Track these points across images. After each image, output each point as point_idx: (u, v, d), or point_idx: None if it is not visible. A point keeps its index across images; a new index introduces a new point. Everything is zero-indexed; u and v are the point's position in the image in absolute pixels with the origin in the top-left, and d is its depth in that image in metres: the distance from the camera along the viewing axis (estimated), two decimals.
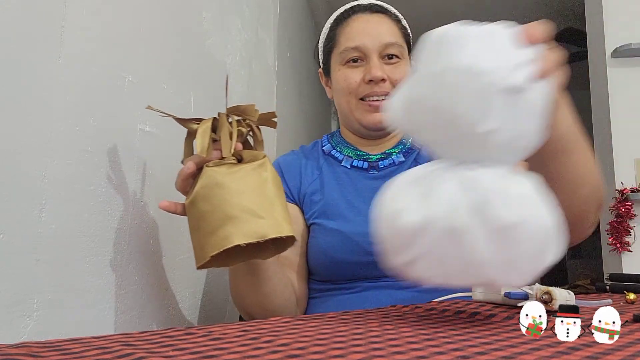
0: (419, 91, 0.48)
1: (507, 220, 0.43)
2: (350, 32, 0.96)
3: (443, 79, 0.45)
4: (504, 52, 0.45)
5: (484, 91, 0.44)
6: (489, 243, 0.44)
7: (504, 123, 0.45)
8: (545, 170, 0.72)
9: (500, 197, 0.44)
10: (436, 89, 0.46)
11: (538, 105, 0.47)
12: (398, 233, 0.47)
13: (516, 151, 0.48)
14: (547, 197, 0.47)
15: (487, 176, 0.46)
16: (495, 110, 0.44)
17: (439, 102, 0.46)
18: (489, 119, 0.45)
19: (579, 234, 0.75)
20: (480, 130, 0.45)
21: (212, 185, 0.64)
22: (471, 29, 0.47)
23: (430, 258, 0.46)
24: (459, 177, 0.47)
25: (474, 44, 0.45)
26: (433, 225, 0.45)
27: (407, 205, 0.47)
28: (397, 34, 0.96)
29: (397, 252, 0.48)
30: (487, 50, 0.45)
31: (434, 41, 0.48)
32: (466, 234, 0.44)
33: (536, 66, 0.46)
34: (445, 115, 0.46)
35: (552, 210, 0.46)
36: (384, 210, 0.50)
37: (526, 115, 0.46)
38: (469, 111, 0.45)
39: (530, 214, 0.44)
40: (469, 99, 0.44)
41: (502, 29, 0.47)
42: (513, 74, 0.45)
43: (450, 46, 0.46)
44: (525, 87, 0.45)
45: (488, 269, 0.45)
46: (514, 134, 0.46)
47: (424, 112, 0.48)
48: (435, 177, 0.48)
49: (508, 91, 0.44)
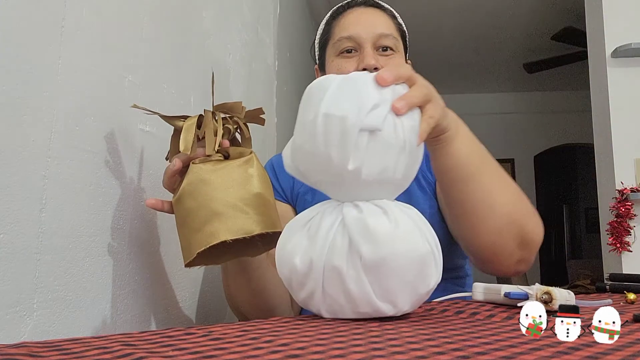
0: (299, 139, 0.54)
1: (372, 257, 0.49)
2: (344, 22, 0.96)
3: (314, 126, 0.51)
4: (362, 96, 0.51)
5: (346, 133, 0.50)
6: (364, 277, 0.50)
7: (368, 160, 0.51)
8: (448, 197, 0.74)
9: (364, 237, 0.50)
10: (310, 135, 0.52)
11: (400, 140, 0.52)
12: (293, 272, 0.53)
13: (389, 186, 0.54)
14: (420, 228, 0.52)
15: (354, 217, 0.52)
16: (359, 149, 0.50)
17: (314, 147, 0.51)
18: (355, 157, 0.50)
19: (500, 267, 0.76)
20: (350, 167, 0.50)
21: (198, 182, 0.64)
22: (335, 79, 0.53)
23: (323, 294, 0.52)
24: (337, 219, 0.53)
25: (336, 92, 0.51)
26: (318, 265, 0.51)
27: (297, 248, 0.53)
28: (392, 27, 0.96)
29: (297, 289, 0.54)
30: (347, 97, 0.51)
31: (307, 93, 0.55)
32: (343, 271, 0.50)
33: (396, 104, 0.52)
34: (320, 158, 0.51)
35: (425, 239, 0.52)
36: (281, 252, 0.56)
37: (388, 151, 0.51)
38: (337, 152, 0.50)
39: (395, 248, 0.50)
40: (335, 141, 0.50)
41: (361, 76, 0.53)
42: (369, 115, 0.50)
43: (317, 96, 0.52)
44: (381, 126, 0.50)
45: (373, 300, 0.50)
46: (380, 168, 0.51)
47: (306, 157, 0.54)
48: (320, 219, 0.54)
49: (366, 131, 0.50)
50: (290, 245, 0.54)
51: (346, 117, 0.50)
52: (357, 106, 0.50)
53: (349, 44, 0.93)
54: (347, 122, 0.50)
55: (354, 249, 0.50)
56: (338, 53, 0.95)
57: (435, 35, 4.04)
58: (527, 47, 4.24)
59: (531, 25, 3.87)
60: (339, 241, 0.51)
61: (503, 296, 0.61)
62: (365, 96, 0.51)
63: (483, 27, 3.90)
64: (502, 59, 4.56)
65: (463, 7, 3.57)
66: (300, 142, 0.54)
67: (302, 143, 0.53)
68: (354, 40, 0.93)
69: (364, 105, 0.50)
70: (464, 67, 4.80)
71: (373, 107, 0.51)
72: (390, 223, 0.51)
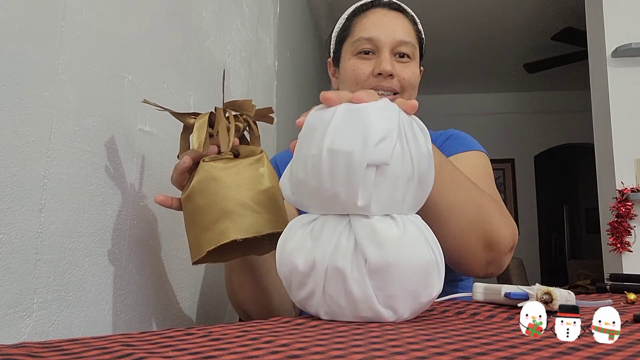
0: (302, 174, 0.52)
1: (377, 262, 0.49)
2: (366, 23, 0.96)
3: (318, 162, 0.50)
4: (368, 130, 0.49)
5: (352, 169, 0.48)
6: (368, 281, 0.49)
7: (377, 194, 0.50)
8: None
9: (371, 241, 0.49)
10: (314, 171, 0.51)
11: (409, 171, 0.51)
12: (294, 272, 0.53)
13: (397, 205, 0.53)
14: (426, 237, 0.52)
15: (362, 221, 0.51)
16: (367, 184, 0.49)
17: (319, 183, 0.51)
18: (364, 193, 0.49)
19: (469, 269, 0.77)
20: (359, 204, 0.50)
21: (209, 180, 0.64)
22: (337, 110, 0.51)
23: (323, 294, 0.52)
24: (344, 221, 0.52)
25: (340, 124, 0.50)
26: (320, 266, 0.50)
27: (299, 247, 0.52)
28: (412, 34, 0.96)
29: (296, 289, 0.54)
30: (351, 130, 0.49)
31: (307, 124, 0.53)
32: (347, 273, 0.49)
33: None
34: (326, 194, 0.51)
35: (430, 248, 0.52)
36: (281, 251, 0.55)
37: (397, 182, 0.51)
38: (344, 189, 0.49)
39: (401, 255, 0.49)
40: (341, 178, 0.49)
41: (366, 107, 0.51)
42: (376, 149, 0.49)
43: (320, 129, 0.51)
44: (389, 161, 0.49)
45: (374, 305, 0.50)
46: (390, 201, 0.51)
47: (310, 193, 0.53)
48: (325, 220, 0.53)
49: (374, 166, 0.49)
50: (291, 244, 0.54)
51: (352, 152, 0.48)
52: (362, 140, 0.48)
53: (368, 46, 0.93)
54: (353, 158, 0.48)
55: (360, 252, 0.50)
56: (356, 53, 0.94)
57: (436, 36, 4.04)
58: (527, 47, 4.24)
59: (531, 25, 3.87)
60: (344, 243, 0.51)
61: (503, 296, 0.61)
62: (371, 129, 0.49)
63: (483, 27, 3.90)
64: (502, 59, 4.56)
65: (463, 7, 3.58)
66: (303, 178, 0.52)
67: (305, 178, 0.52)
68: (373, 43, 0.93)
69: (370, 139, 0.48)
70: (464, 67, 4.80)
71: (380, 140, 0.49)
72: (398, 229, 0.51)
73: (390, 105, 0.53)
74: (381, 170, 0.50)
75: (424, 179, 0.53)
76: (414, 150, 0.52)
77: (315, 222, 0.54)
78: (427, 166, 0.54)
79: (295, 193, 0.55)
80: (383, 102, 0.53)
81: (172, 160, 0.88)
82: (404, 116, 0.54)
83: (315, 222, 0.54)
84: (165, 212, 0.86)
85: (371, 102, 0.52)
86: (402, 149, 0.51)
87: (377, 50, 0.93)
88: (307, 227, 0.54)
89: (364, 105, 0.52)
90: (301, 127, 0.54)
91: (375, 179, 0.50)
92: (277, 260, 0.56)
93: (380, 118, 0.50)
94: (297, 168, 0.54)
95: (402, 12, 0.98)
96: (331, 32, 1.05)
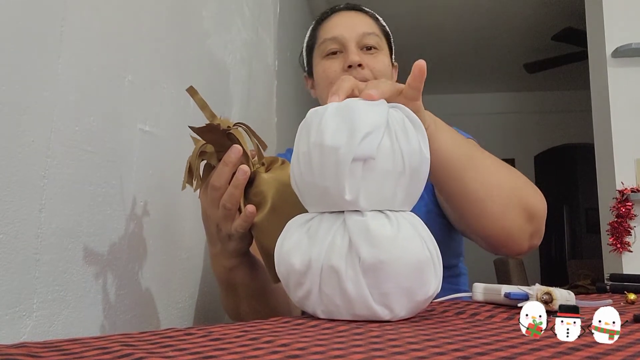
0: (297, 169, 0.55)
1: (371, 260, 0.49)
2: (328, 26, 0.99)
3: (308, 158, 0.52)
4: (354, 125, 0.50)
5: (339, 163, 0.50)
6: (362, 279, 0.49)
7: (365, 189, 0.51)
8: (446, 193, 0.74)
9: (365, 239, 0.50)
10: (307, 167, 0.52)
11: (399, 166, 0.52)
12: (291, 271, 0.53)
13: (388, 200, 0.53)
14: (421, 235, 0.52)
15: (356, 219, 0.51)
16: (354, 178, 0.50)
17: (312, 178, 0.52)
18: (351, 187, 0.50)
19: (515, 247, 0.77)
20: (347, 198, 0.50)
21: (280, 186, 0.65)
22: (328, 108, 0.53)
23: (320, 293, 0.52)
24: (339, 219, 0.52)
25: (329, 121, 0.51)
26: (316, 264, 0.51)
27: (296, 246, 0.53)
28: (375, 27, 0.99)
29: (294, 288, 0.54)
30: (339, 126, 0.51)
31: (302, 123, 0.55)
32: (341, 271, 0.50)
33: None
34: (319, 189, 0.52)
35: (425, 246, 0.52)
36: (279, 251, 0.55)
37: (386, 177, 0.51)
38: (333, 183, 0.51)
39: (394, 253, 0.49)
40: (330, 172, 0.50)
41: (353, 103, 0.53)
42: (362, 143, 0.50)
43: (310, 126, 0.52)
44: (374, 155, 0.50)
45: (369, 303, 0.50)
46: (379, 196, 0.52)
47: (308, 188, 0.54)
48: (321, 219, 0.54)
49: (360, 160, 0.50)
50: (288, 244, 0.54)
51: (338, 147, 0.50)
52: (348, 135, 0.50)
53: (334, 46, 0.96)
54: (340, 152, 0.50)
55: (354, 250, 0.50)
56: (324, 55, 0.97)
57: (436, 36, 4.04)
58: (527, 47, 4.24)
59: (531, 25, 3.87)
60: (339, 241, 0.51)
61: (503, 296, 0.61)
62: (358, 124, 0.50)
63: (483, 27, 3.91)
64: (502, 59, 4.56)
65: (463, 7, 3.58)
66: (300, 173, 0.54)
67: (300, 174, 0.54)
68: (338, 41, 0.95)
69: (356, 133, 0.50)
70: (464, 67, 4.80)
71: (365, 135, 0.50)
72: (392, 227, 0.51)
73: (379, 101, 0.55)
74: (368, 165, 0.51)
75: (415, 174, 0.54)
76: (404, 145, 0.52)
77: (312, 221, 0.54)
78: (419, 161, 0.54)
79: (298, 189, 0.56)
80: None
81: (172, 160, 0.88)
82: (395, 112, 0.54)
83: (312, 221, 0.54)
84: (165, 212, 0.86)
85: (359, 99, 0.54)
86: (392, 144, 0.52)
87: (344, 48, 0.95)
88: (304, 226, 0.55)
89: (354, 101, 0.54)
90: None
91: (363, 174, 0.51)
92: (275, 260, 0.56)
93: (368, 113, 0.52)
94: (293, 165, 0.55)
95: (361, 11, 1.02)
96: (302, 50, 1.08)
